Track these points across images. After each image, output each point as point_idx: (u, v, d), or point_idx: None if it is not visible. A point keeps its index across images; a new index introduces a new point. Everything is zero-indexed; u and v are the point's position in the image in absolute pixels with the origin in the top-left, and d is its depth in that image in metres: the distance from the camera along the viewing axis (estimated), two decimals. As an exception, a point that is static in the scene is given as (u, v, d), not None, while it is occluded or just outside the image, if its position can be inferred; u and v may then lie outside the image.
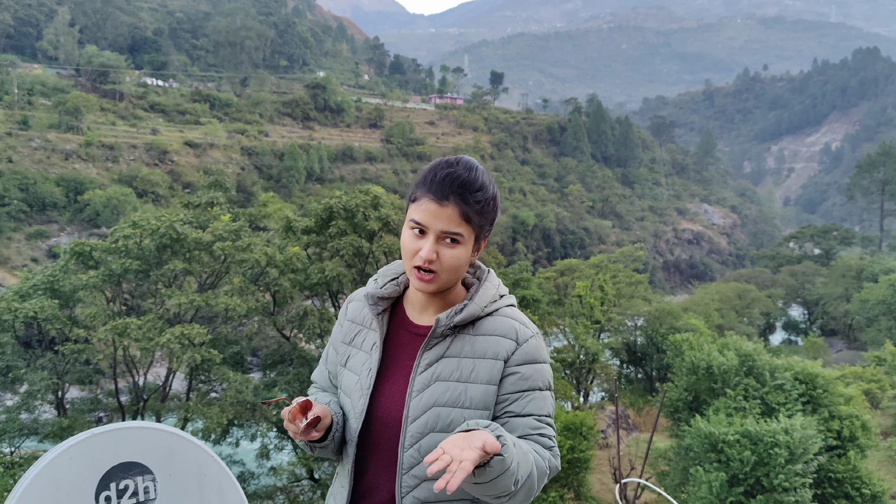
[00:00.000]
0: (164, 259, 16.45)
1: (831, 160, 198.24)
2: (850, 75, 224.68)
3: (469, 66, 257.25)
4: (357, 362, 1.72)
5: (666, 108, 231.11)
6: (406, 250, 1.62)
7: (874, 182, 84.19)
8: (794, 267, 56.22)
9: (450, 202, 1.57)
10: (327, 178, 75.15)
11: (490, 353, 1.63)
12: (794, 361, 15.59)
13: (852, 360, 35.23)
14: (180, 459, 1.92)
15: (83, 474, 1.76)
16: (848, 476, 13.44)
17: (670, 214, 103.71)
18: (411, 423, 1.60)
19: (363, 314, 1.77)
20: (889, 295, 38.59)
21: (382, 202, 19.14)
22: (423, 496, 1.60)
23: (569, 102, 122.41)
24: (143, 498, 1.85)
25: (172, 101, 75.16)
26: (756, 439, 12.31)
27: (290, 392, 17.35)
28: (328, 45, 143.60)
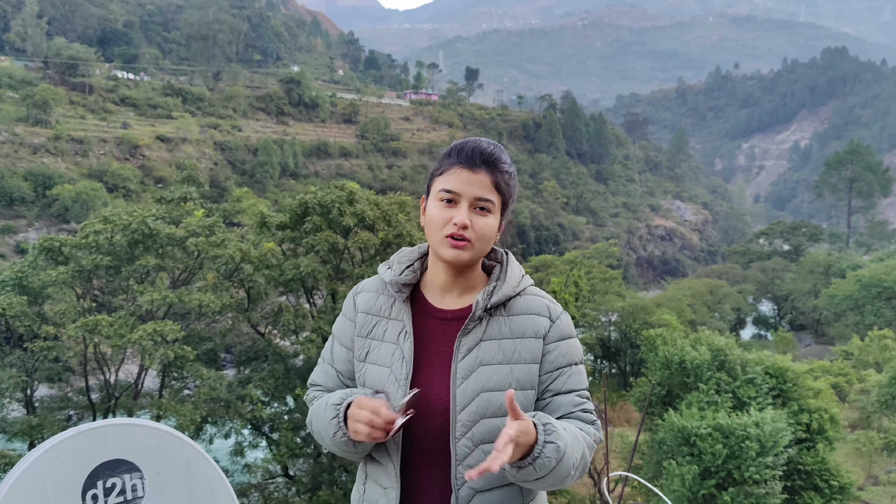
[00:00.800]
0: (136, 255, 16.23)
1: (800, 158, 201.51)
2: (818, 74, 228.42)
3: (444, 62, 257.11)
4: (383, 354, 1.65)
5: (639, 106, 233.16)
6: (435, 222, 1.59)
7: (842, 179, 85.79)
8: (764, 263, 57.13)
9: (482, 169, 1.59)
10: (302, 173, 74.66)
11: (529, 331, 1.63)
12: (764, 356, 15.83)
13: (820, 355, 35.91)
14: (169, 457, 1.89)
15: (70, 472, 1.73)
16: (817, 468, 13.69)
17: (643, 211, 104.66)
18: (461, 412, 1.57)
19: (378, 304, 1.72)
20: (856, 290, 39.38)
21: (358, 198, 19.04)
22: (478, 486, 1.57)
23: (543, 99, 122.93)
24: (130, 496, 1.82)
25: (144, 94, 74.09)
26: (728, 433, 12.49)
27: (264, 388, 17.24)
28: (302, 40, 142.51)
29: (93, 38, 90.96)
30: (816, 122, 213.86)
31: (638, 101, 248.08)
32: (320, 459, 18.19)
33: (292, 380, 17.61)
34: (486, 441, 1.56)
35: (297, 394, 17.26)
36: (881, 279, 38.72)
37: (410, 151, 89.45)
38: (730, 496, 12.26)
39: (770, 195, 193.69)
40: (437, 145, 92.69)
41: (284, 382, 17.41)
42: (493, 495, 1.59)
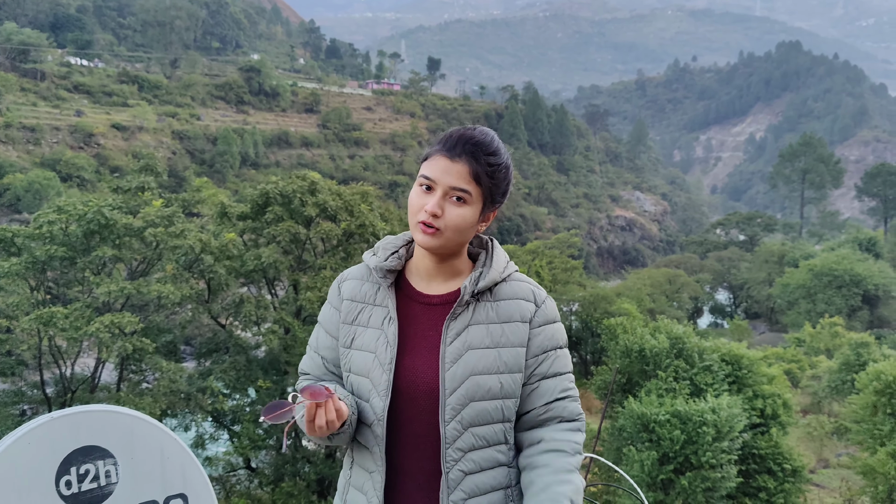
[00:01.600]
0: (92, 245, 15.87)
1: (756, 150, 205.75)
2: (773, 68, 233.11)
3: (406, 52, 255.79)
4: (368, 340, 1.66)
5: (600, 97, 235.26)
6: (412, 206, 1.61)
7: (795, 171, 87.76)
8: (721, 253, 58.29)
9: (461, 159, 1.59)
10: (262, 163, 73.74)
11: (516, 316, 1.65)
12: (720, 344, 16.19)
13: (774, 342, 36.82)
14: (142, 443, 1.90)
15: (43, 459, 1.74)
16: (770, 452, 14.07)
17: (604, 201, 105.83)
18: (450, 396, 1.58)
19: (363, 291, 1.73)
20: (808, 279, 40.42)
21: (320, 188, 18.91)
22: (467, 468, 1.60)
23: (505, 90, 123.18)
24: (104, 482, 1.83)
25: (98, 81, 72.28)
26: (685, 419, 12.76)
27: (225, 380, 17.07)
28: (262, 28, 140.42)
29: (45, 23, 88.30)
30: (771, 115, 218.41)
31: (599, 93, 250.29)
32: (283, 451, 18.10)
33: (254, 371, 17.46)
34: (475, 424, 1.59)
35: (260, 385, 17.12)
36: (832, 268, 39.79)
37: (373, 141, 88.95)
38: (687, 480, 12.55)
39: (726, 186, 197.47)
40: (400, 135, 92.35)
41: (246, 374, 17.26)
42: (482, 476, 1.61)
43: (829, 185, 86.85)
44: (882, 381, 14.05)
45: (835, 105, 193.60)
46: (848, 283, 39.14)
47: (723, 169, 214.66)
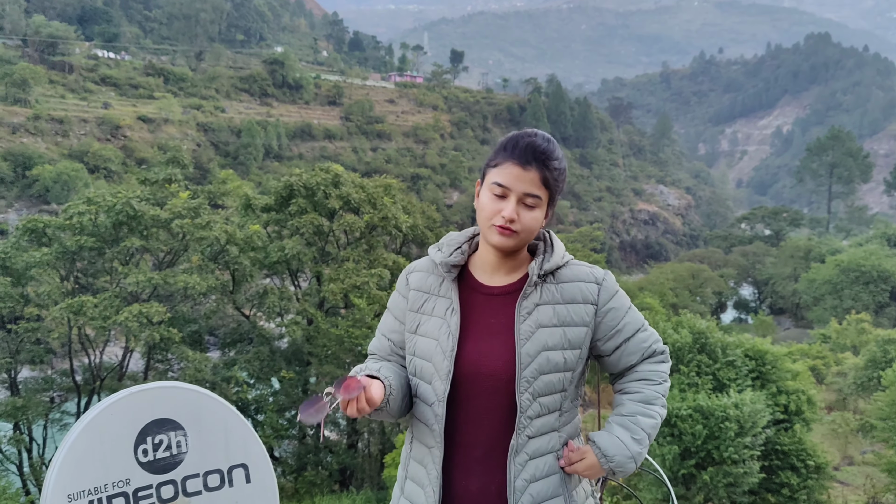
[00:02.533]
0: (121, 236, 16.15)
1: (782, 143, 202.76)
2: (801, 60, 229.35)
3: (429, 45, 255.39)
4: (432, 327, 1.82)
5: (624, 90, 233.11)
6: (485, 211, 1.75)
7: (823, 165, 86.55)
8: (746, 247, 57.67)
9: (532, 167, 1.72)
10: (286, 155, 74.14)
11: (579, 297, 1.81)
12: (744, 339, 16.05)
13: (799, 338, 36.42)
14: (208, 417, 2.08)
15: (123, 429, 1.93)
16: (794, 448, 13.96)
17: (627, 195, 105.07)
18: (525, 369, 1.73)
19: (428, 282, 1.88)
20: (835, 275, 39.91)
21: (343, 180, 19.04)
22: (531, 433, 1.77)
23: (528, 82, 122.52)
24: (175, 451, 2.01)
25: (125, 74, 73.07)
26: (708, 414, 12.70)
27: (249, 370, 17.29)
28: (286, 20, 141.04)
29: (72, 15, 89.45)
30: (799, 108, 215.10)
31: (622, 86, 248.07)
32: (305, 441, 18.31)
33: (277, 362, 17.67)
34: (544, 394, 1.76)
35: (283, 375, 17.33)
36: (860, 264, 39.24)
37: (395, 134, 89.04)
38: (709, 475, 12.50)
39: (752, 180, 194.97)
40: (422, 128, 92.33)
41: (270, 364, 17.47)
42: (540, 441, 1.78)
43: (857, 180, 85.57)
44: (909, 378, 13.88)
45: (864, 98, 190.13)
46: (875, 279, 38.60)
47: (748, 163, 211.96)
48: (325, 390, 1.58)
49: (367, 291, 17.31)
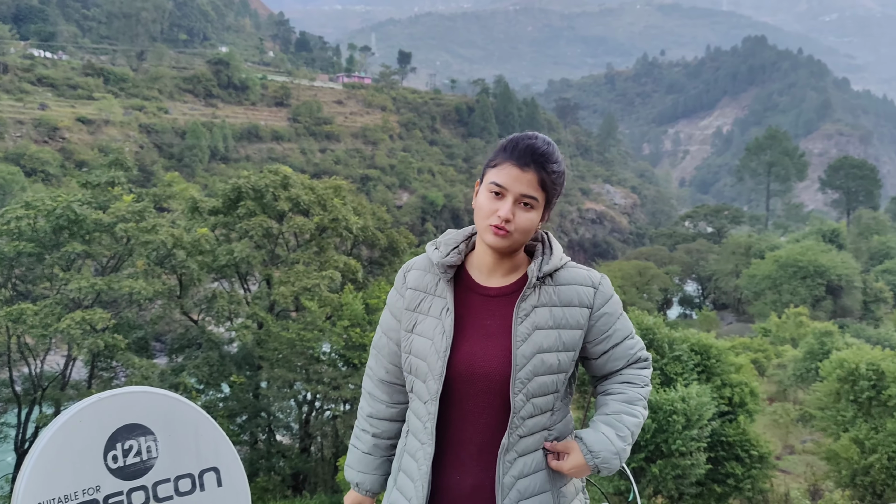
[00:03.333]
0: (61, 241, 15.66)
1: (723, 143, 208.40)
2: (739, 62, 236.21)
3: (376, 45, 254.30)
4: (427, 327, 1.84)
5: (570, 91, 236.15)
6: (482, 210, 1.76)
7: (761, 164, 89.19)
8: (689, 245, 59.04)
9: (531, 168, 1.74)
10: (232, 157, 72.97)
11: (576, 300, 1.83)
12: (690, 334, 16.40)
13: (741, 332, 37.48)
14: (179, 421, 2.08)
15: (93, 435, 1.92)
16: (738, 439, 14.36)
17: (575, 195, 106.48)
18: (520, 371, 1.76)
19: (425, 281, 1.89)
20: (774, 270, 41.15)
21: (292, 182, 18.86)
22: (523, 432, 1.81)
23: (476, 83, 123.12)
24: (146, 456, 2.01)
25: (62, 74, 70.83)
26: (656, 408, 12.98)
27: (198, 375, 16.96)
28: (230, 20, 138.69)
29: (6, 14, 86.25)
30: (738, 109, 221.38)
31: (569, 87, 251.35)
32: (257, 446, 18.07)
33: (227, 366, 17.38)
34: (537, 395, 1.80)
35: (233, 380, 17.06)
36: (797, 259, 40.54)
37: (344, 135, 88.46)
38: (658, 468, 12.79)
39: (694, 179, 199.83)
40: (371, 129, 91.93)
41: (219, 369, 17.17)
42: (530, 440, 1.82)
43: (793, 178, 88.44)
44: (845, 368, 14.44)
45: (799, 99, 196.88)
46: (812, 274, 39.92)
47: (691, 162, 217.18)
48: None
49: (318, 294, 17.18)
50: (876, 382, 14.05)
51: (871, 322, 38.08)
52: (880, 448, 13.38)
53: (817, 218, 68.45)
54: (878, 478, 13.45)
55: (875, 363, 14.12)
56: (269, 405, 17.58)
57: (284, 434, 19.03)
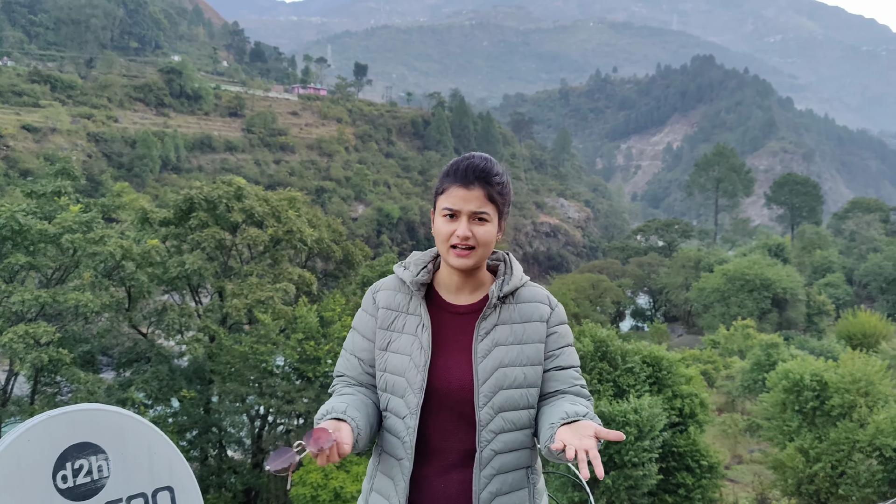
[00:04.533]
0: (4, 252, 15.17)
1: (673, 159, 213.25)
2: (689, 80, 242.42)
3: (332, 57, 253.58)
4: (403, 344, 1.89)
5: (525, 105, 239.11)
6: (441, 235, 1.84)
7: (710, 180, 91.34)
8: (641, 258, 60.02)
9: (475, 186, 1.82)
10: (184, 167, 71.78)
11: (535, 316, 1.91)
12: (642, 346, 16.69)
13: (691, 344, 38.22)
14: (131, 439, 2.02)
15: (41, 455, 1.85)
16: (689, 449, 14.63)
17: (529, 208, 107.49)
18: (483, 385, 1.82)
19: (397, 300, 1.94)
20: (722, 283, 42.09)
21: (246, 193, 18.63)
22: (498, 448, 1.84)
23: (432, 96, 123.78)
24: (97, 476, 1.94)
25: (7, 80, 68.87)
26: (609, 419, 13.15)
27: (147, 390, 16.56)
28: (183, 28, 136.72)
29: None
30: (687, 126, 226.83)
31: (524, 101, 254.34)
32: (208, 462, 17.70)
33: (177, 381, 17.01)
34: (505, 409, 1.84)
35: (183, 395, 16.70)
36: (744, 273, 41.56)
37: (299, 146, 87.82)
38: (611, 479, 12.94)
39: (646, 194, 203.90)
40: (326, 141, 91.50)
41: (169, 384, 16.78)
42: (509, 456, 1.85)
43: (740, 194, 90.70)
44: (790, 379, 14.84)
45: (745, 117, 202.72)
46: (759, 287, 40.93)
47: (642, 177, 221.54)
48: (296, 442, 1.58)
49: (272, 306, 16.97)
50: (819, 393, 14.47)
51: (814, 334, 39.21)
52: (824, 457, 13.77)
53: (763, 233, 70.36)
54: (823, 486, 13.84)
55: (818, 374, 14.55)
56: (220, 420, 17.25)
57: (236, 449, 18.69)
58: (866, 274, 47.95)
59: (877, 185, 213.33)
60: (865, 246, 55.14)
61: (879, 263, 47.01)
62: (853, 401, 14.08)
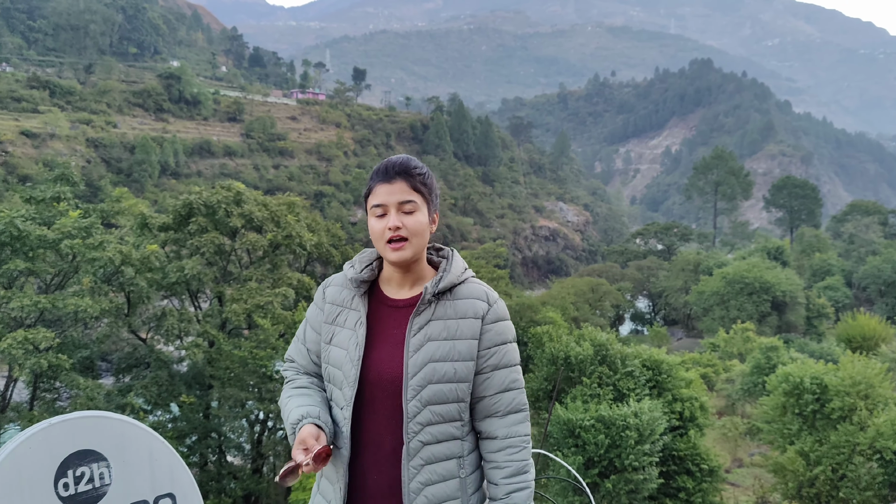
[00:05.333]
0: (3, 258, 15.15)
1: (672, 162, 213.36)
2: (687, 84, 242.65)
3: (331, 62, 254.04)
4: (343, 338, 1.95)
5: (523, 109, 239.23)
6: (375, 233, 1.91)
7: (708, 183, 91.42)
8: (641, 262, 60.02)
9: (397, 179, 1.90)
10: (183, 172, 71.80)
11: (470, 313, 1.94)
12: (641, 350, 16.70)
13: (691, 347, 38.21)
14: (132, 446, 2.03)
15: (43, 463, 1.85)
16: (689, 453, 14.62)
17: (528, 212, 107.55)
18: (412, 378, 1.87)
19: (342, 296, 2.01)
20: (721, 287, 42.12)
21: (245, 198, 18.61)
22: (425, 439, 1.89)
23: (431, 101, 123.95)
24: (98, 483, 1.94)
25: (6, 86, 68.91)
26: (609, 423, 13.15)
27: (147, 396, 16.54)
28: (182, 34, 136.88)
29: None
30: (686, 129, 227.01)
31: (522, 105, 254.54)
32: (207, 468, 17.66)
33: (177, 386, 16.99)
34: (433, 402, 1.89)
35: (183, 400, 16.68)
36: (743, 276, 41.58)
37: (298, 151, 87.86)
38: (611, 483, 12.92)
39: (645, 197, 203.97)
40: (325, 145, 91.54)
41: (168, 389, 16.77)
42: (438, 447, 1.91)
43: (739, 197, 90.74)
44: (790, 382, 14.82)
45: (744, 120, 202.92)
46: (758, 290, 40.94)
47: (641, 180, 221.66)
48: (304, 462, 1.71)
49: (272, 311, 16.95)
50: (820, 396, 14.46)
51: (814, 337, 39.20)
52: (824, 460, 13.75)
53: (762, 236, 70.42)
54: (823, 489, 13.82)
55: (818, 377, 14.53)
56: (220, 425, 17.22)
57: (236, 455, 18.65)
58: (865, 277, 47.96)
59: (875, 187, 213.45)
60: (864, 249, 55.13)
61: (878, 266, 47.01)
62: (853, 404, 14.07)
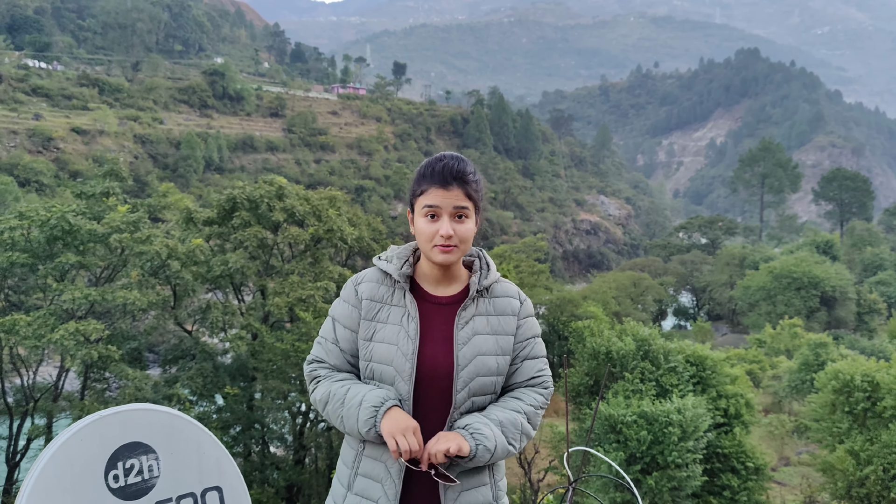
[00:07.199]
0: (55, 252, 15.58)
1: (716, 154, 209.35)
2: (732, 74, 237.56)
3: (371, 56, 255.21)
4: (389, 334, 1.98)
5: (564, 102, 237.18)
6: (424, 234, 1.96)
7: (755, 175, 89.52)
8: (684, 256, 59.19)
9: (454, 185, 1.94)
10: (227, 167, 72.95)
11: (508, 310, 2.06)
12: (685, 345, 16.46)
13: (736, 343, 37.58)
14: (181, 439, 2.06)
15: (93, 454, 1.89)
16: (734, 451, 14.38)
17: (569, 205, 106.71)
18: (462, 371, 1.96)
19: (380, 292, 2.04)
20: (768, 282, 41.28)
21: (287, 193, 18.82)
22: (462, 424, 1.94)
23: (471, 94, 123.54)
24: (147, 476, 1.98)
25: (57, 84, 70.80)
26: (652, 419, 12.99)
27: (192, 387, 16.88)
28: (226, 31, 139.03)
29: (1, 24, 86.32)
30: (731, 121, 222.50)
31: (563, 98, 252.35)
32: (251, 458, 17.96)
33: (221, 378, 17.29)
34: (478, 394, 1.99)
35: (227, 391, 16.97)
36: (791, 270, 40.68)
37: (339, 146, 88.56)
38: (654, 480, 12.77)
39: (688, 190, 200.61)
40: (366, 140, 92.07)
41: (213, 381, 17.07)
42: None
43: (787, 190, 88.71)
44: (840, 380, 14.45)
45: (792, 111, 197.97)
46: (806, 285, 40.05)
47: (685, 173, 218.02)
48: (430, 471, 1.88)
49: (313, 304, 17.12)
50: (871, 394, 14.06)
51: (865, 333, 38.21)
52: (875, 459, 13.37)
53: (811, 229, 68.72)
54: (874, 489, 13.44)
55: (870, 375, 14.14)
56: (263, 416, 17.49)
57: (278, 445, 18.93)
58: (920, 271, 46.51)
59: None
60: (919, 242, 53.41)
61: (933, 260, 45.53)
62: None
